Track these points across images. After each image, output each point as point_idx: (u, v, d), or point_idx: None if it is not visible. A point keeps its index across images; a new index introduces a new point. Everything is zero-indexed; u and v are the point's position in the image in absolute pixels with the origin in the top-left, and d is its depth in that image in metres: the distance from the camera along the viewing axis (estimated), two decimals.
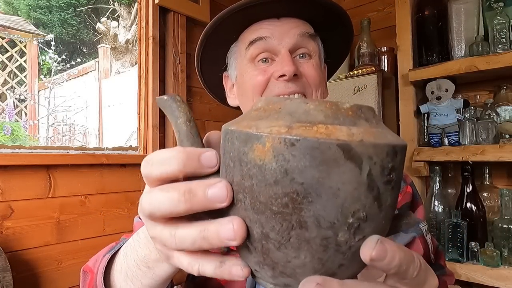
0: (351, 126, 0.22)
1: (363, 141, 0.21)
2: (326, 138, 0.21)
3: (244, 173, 0.23)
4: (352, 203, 0.22)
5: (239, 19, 0.60)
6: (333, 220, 0.22)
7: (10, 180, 1.13)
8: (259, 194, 0.22)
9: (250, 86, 0.61)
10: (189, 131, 0.28)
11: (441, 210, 1.32)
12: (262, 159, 0.22)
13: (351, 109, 0.23)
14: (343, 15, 0.63)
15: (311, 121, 0.22)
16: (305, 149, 0.21)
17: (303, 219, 0.22)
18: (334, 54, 0.71)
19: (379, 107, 1.39)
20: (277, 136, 0.21)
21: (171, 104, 0.28)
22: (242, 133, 0.23)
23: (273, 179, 0.22)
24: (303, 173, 0.21)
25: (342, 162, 0.21)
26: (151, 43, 1.54)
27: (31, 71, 4.39)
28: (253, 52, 0.60)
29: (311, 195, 0.21)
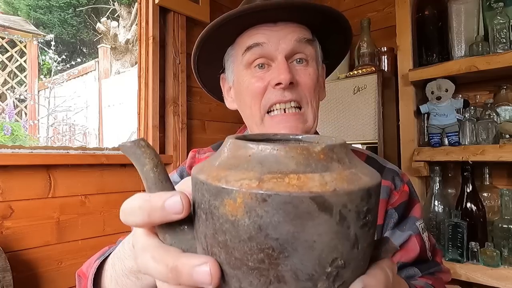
0: (324, 173, 0.22)
1: (336, 190, 0.21)
2: (299, 192, 0.20)
3: (216, 227, 0.22)
4: (329, 252, 0.21)
5: (235, 24, 0.60)
6: (311, 272, 0.21)
7: (10, 180, 1.13)
8: (233, 250, 0.22)
9: (248, 93, 0.61)
10: (157, 178, 0.27)
11: (441, 210, 1.32)
12: (234, 215, 0.21)
13: (322, 152, 0.23)
14: (341, 19, 0.63)
15: (282, 171, 0.21)
16: (278, 204, 0.20)
17: (281, 273, 0.21)
18: (333, 54, 0.71)
19: (379, 107, 1.39)
20: (248, 191, 0.21)
21: (135, 150, 0.27)
22: (212, 187, 0.22)
23: (247, 235, 0.21)
24: (277, 228, 0.20)
25: (316, 215, 0.20)
26: (151, 43, 1.54)
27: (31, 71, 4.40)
28: (250, 58, 0.60)
29: (287, 250, 0.21)
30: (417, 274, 0.60)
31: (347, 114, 1.49)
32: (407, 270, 0.60)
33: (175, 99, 1.61)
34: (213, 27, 0.60)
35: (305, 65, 0.61)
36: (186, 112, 1.65)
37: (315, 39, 0.64)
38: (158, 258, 0.24)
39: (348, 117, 1.48)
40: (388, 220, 0.62)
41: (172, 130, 1.59)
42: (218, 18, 0.59)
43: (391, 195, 0.63)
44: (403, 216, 0.63)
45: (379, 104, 1.39)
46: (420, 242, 0.61)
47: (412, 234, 0.61)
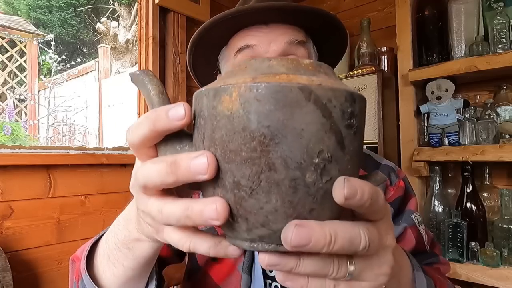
0: (312, 76, 0.24)
1: (322, 85, 0.23)
2: (288, 82, 0.22)
3: (214, 126, 0.24)
4: (316, 143, 0.23)
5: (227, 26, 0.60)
6: (300, 160, 0.23)
7: (10, 180, 1.13)
8: (228, 143, 0.23)
9: None
10: (162, 102, 0.28)
11: (441, 210, 1.32)
12: (229, 109, 0.23)
13: (311, 64, 0.25)
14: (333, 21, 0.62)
15: (274, 73, 0.24)
16: (269, 93, 0.22)
17: (271, 161, 0.23)
18: (331, 54, 0.71)
19: (379, 107, 1.39)
20: (243, 84, 0.23)
21: (143, 78, 0.29)
22: (211, 89, 0.24)
23: (241, 126, 0.23)
24: (268, 116, 0.22)
25: (304, 104, 0.22)
26: (151, 43, 1.54)
27: (31, 71, 4.39)
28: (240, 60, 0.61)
29: (277, 136, 0.22)
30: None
31: None
32: None
33: (175, 99, 1.61)
34: (204, 29, 0.60)
35: None
36: None
37: (308, 41, 0.64)
38: (157, 160, 0.26)
39: None
40: None
41: None
42: (208, 20, 0.59)
43: (386, 190, 0.64)
44: (399, 211, 0.63)
45: (379, 104, 1.39)
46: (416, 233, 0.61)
47: (407, 226, 0.61)
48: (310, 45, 0.64)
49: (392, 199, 0.63)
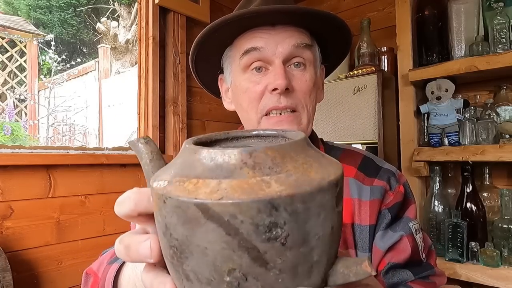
0: (224, 179, 0.21)
1: (221, 199, 0.20)
2: (186, 197, 0.20)
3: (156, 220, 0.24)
4: (223, 262, 0.21)
5: (233, 27, 0.60)
6: (209, 277, 0.22)
7: (10, 180, 1.13)
8: (161, 243, 0.24)
9: (245, 98, 0.61)
10: (150, 171, 0.29)
11: (441, 210, 1.32)
12: (155, 210, 0.23)
13: (235, 158, 0.21)
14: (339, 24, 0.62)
15: (188, 175, 0.22)
16: (171, 207, 0.21)
17: (186, 272, 0.22)
18: (333, 55, 0.71)
19: (379, 107, 1.39)
20: (157, 192, 0.22)
21: (136, 146, 0.30)
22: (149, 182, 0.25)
23: (161, 231, 0.23)
24: (176, 229, 0.22)
25: (203, 222, 0.20)
26: (151, 43, 1.54)
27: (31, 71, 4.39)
28: (247, 62, 0.60)
29: (185, 251, 0.22)
30: (409, 278, 0.59)
31: (347, 114, 1.49)
32: (400, 273, 0.59)
33: (175, 99, 1.61)
34: (210, 30, 0.60)
35: (303, 70, 0.61)
36: (186, 112, 1.65)
37: (314, 44, 0.64)
38: (122, 239, 0.28)
39: (348, 117, 1.48)
40: (381, 220, 0.62)
41: (172, 130, 1.59)
42: (215, 21, 0.58)
43: (385, 195, 0.63)
44: (397, 217, 0.63)
45: (379, 104, 1.39)
46: (412, 243, 0.60)
47: (404, 234, 0.60)
48: (315, 48, 0.64)
49: (390, 205, 0.62)
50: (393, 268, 0.60)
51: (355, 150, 0.72)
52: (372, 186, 0.63)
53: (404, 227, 0.61)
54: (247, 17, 0.57)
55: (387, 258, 0.60)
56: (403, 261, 0.60)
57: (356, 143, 1.46)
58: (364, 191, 0.63)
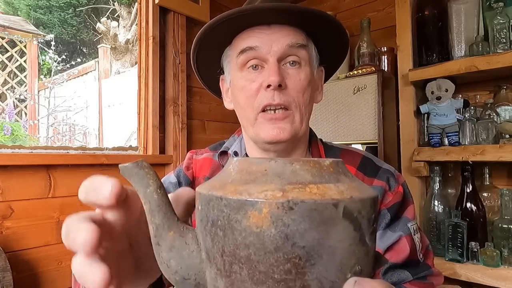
0: (337, 183, 0.23)
1: (352, 197, 0.22)
2: (322, 199, 0.21)
3: (238, 242, 0.22)
4: (349, 258, 0.22)
5: (230, 26, 0.61)
6: (334, 278, 0.22)
7: (10, 180, 1.13)
8: (258, 264, 0.22)
9: (242, 95, 0.63)
10: (161, 199, 0.27)
11: (441, 210, 1.32)
12: (259, 226, 0.21)
13: (331, 166, 0.25)
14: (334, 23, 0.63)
15: (301, 182, 0.22)
16: (304, 211, 0.21)
17: (307, 283, 0.22)
18: (331, 57, 0.71)
19: (379, 107, 1.39)
20: (274, 201, 0.21)
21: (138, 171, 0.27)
22: (233, 200, 0.22)
23: (273, 246, 0.21)
24: (303, 236, 0.21)
25: (338, 220, 0.21)
26: (151, 43, 1.54)
27: (31, 71, 4.39)
28: (243, 60, 0.62)
29: (313, 257, 0.21)
30: (408, 278, 0.60)
31: (347, 114, 1.49)
32: (399, 273, 0.60)
33: (175, 99, 1.61)
34: (208, 28, 0.61)
35: (297, 68, 0.62)
36: (186, 112, 1.65)
37: (310, 44, 0.64)
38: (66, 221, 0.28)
39: (348, 117, 1.48)
40: (381, 221, 0.62)
41: (172, 130, 1.59)
42: (212, 19, 0.60)
43: (385, 195, 0.64)
44: (396, 217, 0.63)
45: (379, 104, 1.39)
46: (410, 243, 0.61)
47: (402, 235, 0.61)
48: (311, 48, 0.65)
49: (389, 205, 0.63)
50: (392, 268, 0.60)
51: (354, 150, 0.72)
52: (372, 186, 0.64)
53: (403, 228, 0.62)
54: (243, 15, 0.58)
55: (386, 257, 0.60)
56: (401, 261, 0.60)
57: (356, 143, 1.46)
58: None
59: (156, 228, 0.27)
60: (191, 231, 0.27)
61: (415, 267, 0.61)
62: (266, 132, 0.61)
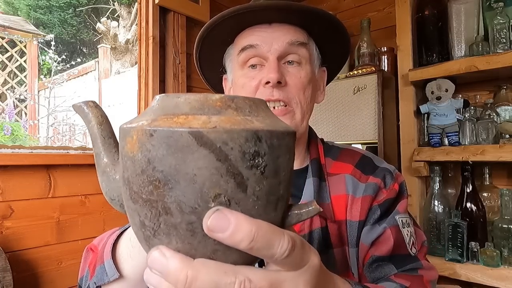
0: (213, 115, 0.23)
1: (216, 128, 0.22)
2: (179, 127, 0.22)
3: (123, 165, 0.25)
4: (210, 187, 0.22)
5: (232, 24, 0.62)
6: (194, 205, 0.23)
7: (10, 180, 1.13)
8: (132, 184, 0.24)
9: (242, 93, 0.63)
10: (100, 133, 0.30)
11: (441, 210, 1.32)
12: (132, 151, 0.24)
13: (220, 100, 0.24)
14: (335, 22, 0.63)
15: (175, 113, 0.24)
16: (161, 138, 0.22)
17: (167, 205, 0.23)
18: (333, 57, 0.71)
19: (379, 107, 1.39)
20: (140, 128, 0.23)
21: (83, 109, 0.31)
22: (121, 129, 0.25)
23: (140, 169, 0.23)
24: (162, 161, 0.22)
25: (195, 149, 0.22)
26: (151, 43, 1.54)
27: (31, 71, 4.39)
28: (244, 58, 0.62)
29: (170, 181, 0.22)
30: (392, 272, 0.58)
31: (347, 114, 1.49)
32: (382, 267, 0.58)
33: None
34: (209, 26, 0.62)
35: (298, 67, 0.62)
36: None
37: (310, 42, 0.65)
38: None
39: (348, 117, 1.48)
40: (370, 216, 0.62)
41: None
42: (214, 17, 0.61)
43: (378, 192, 0.63)
44: (387, 212, 0.62)
45: (379, 104, 1.39)
46: (395, 235, 0.59)
47: (387, 227, 0.60)
48: (312, 47, 0.65)
49: (382, 201, 0.62)
50: (376, 262, 0.59)
51: (355, 149, 0.72)
52: (366, 183, 0.63)
53: (390, 220, 0.61)
54: (243, 13, 0.58)
55: (371, 251, 0.60)
56: (386, 253, 0.59)
57: (356, 143, 1.46)
58: (359, 188, 0.63)
59: (95, 156, 0.31)
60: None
61: (402, 260, 0.59)
62: None
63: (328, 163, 0.67)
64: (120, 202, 0.31)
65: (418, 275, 0.58)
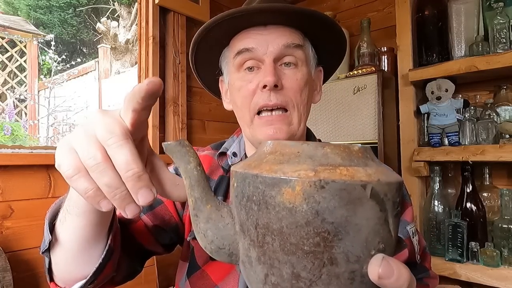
0: (365, 167, 0.25)
1: (380, 180, 0.24)
2: (351, 180, 0.23)
3: (271, 216, 0.24)
4: (374, 236, 0.24)
5: (226, 27, 0.61)
6: (359, 254, 0.24)
7: (10, 180, 1.13)
8: (289, 236, 0.24)
9: (239, 96, 0.63)
10: (200, 175, 0.29)
11: (441, 210, 1.32)
12: (292, 202, 0.23)
13: (360, 151, 0.27)
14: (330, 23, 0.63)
15: (332, 164, 0.24)
16: (334, 190, 0.23)
17: (334, 256, 0.24)
18: (329, 57, 0.71)
19: (379, 107, 1.39)
20: (307, 180, 0.23)
21: (180, 149, 0.30)
22: (268, 178, 0.24)
23: (304, 221, 0.23)
24: (333, 213, 0.23)
25: (365, 200, 0.23)
26: (151, 43, 1.54)
27: (31, 71, 4.39)
28: (240, 61, 0.62)
29: (340, 232, 0.23)
30: None
31: (347, 114, 1.49)
32: None
33: (175, 99, 1.61)
34: (204, 30, 0.62)
35: (294, 69, 0.61)
36: (186, 112, 1.65)
37: (306, 44, 0.65)
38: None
39: (348, 117, 1.48)
40: None
41: (172, 130, 1.59)
42: (208, 21, 0.60)
43: None
44: None
45: (379, 104, 1.39)
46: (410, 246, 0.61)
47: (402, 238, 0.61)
48: (308, 48, 0.65)
49: None
50: None
51: None
52: None
53: (402, 231, 0.62)
54: (238, 16, 0.58)
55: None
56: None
57: (356, 143, 1.45)
58: None
59: (195, 201, 0.30)
60: (226, 206, 0.30)
61: (413, 269, 0.61)
62: (263, 133, 0.60)
63: None
64: (231, 251, 0.29)
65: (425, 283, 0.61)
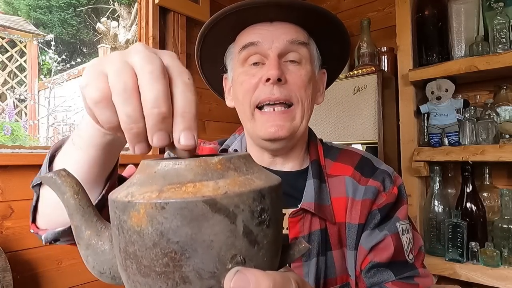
0: (218, 180, 0.24)
1: (227, 193, 0.23)
2: (193, 197, 0.23)
3: (127, 240, 0.24)
4: (227, 250, 0.23)
5: (233, 21, 0.62)
6: (213, 269, 0.23)
7: (10, 180, 1.13)
8: (142, 258, 0.24)
9: (241, 90, 0.63)
10: (78, 204, 0.29)
11: (441, 210, 1.32)
12: (139, 225, 0.23)
13: (219, 163, 0.25)
14: (335, 21, 0.63)
15: (181, 182, 0.24)
16: (175, 210, 0.22)
17: (185, 274, 0.23)
18: (332, 60, 0.71)
19: (379, 107, 1.39)
20: (149, 202, 0.23)
21: (55, 180, 0.29)
22: (119, 203, 0.25)
23: (151, 243, 0.23)
24: (176, 232, 0.23)
25: (210, 216, 0.23)
26: (151, 43, 1.54)
27: (31, 71, 4.39)
28: (245, 56, 0.62)
29: (187, 251, 0.23)
30: (390, 278, 0.58)
31: (347, 114, 1.49)
32: (381, 273, 0.59)
33: None
34: (211, 23, 0.62)
35: (298, 66, 0.62)
36: None
37: (311, 43, 0.65)
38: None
39: (348, 117, 1.48)
40: (370, 220, 0.62)
41: None
42: (216, 13, 0.60)
43: (378, 196, 0.63)
44: (387, 217, 0.62)
45: (379, 104, 1.39)
46: (395, 242, 0.60)
47: (388, 234, 0.60)
48: (312, 47, 0.65)
49: (381, 206, 0.62)
50: (375, 267, 0.59)
51: (354, 150, 0.72)
52: (366, 186, 0.63)
53: (391, 227, 0.61)
54: (245, 9, 0.58)
55: (370, 256, 0.60)
56: (385, 260, 0.59)
57: (356, 143, 1.46)
58: (359, 191, 0.63)
59: (75, 228, 0.30)
60: (109, 230, 0.30)
61: (400, 267, 0.60)
62: (264, 129, 0.60)
63: (327, 164, 0.67)
64: (112, 274, 0.30)
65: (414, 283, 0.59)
